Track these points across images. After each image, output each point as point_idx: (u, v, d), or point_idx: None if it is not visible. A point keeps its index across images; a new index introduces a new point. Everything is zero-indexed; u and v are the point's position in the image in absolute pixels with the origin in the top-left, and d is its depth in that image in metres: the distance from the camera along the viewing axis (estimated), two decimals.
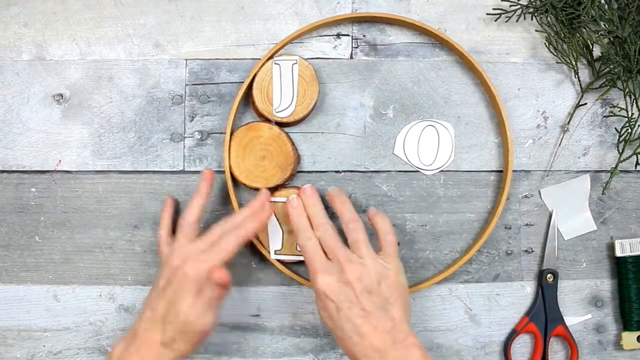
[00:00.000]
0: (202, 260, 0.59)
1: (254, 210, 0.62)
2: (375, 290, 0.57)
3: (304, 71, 0.67)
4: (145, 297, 0.62)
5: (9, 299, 0.69)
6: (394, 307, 0.57)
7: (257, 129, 0.66)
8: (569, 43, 0.69)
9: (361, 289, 0.57)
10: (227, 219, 0.62)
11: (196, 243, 0.61)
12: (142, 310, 0.60)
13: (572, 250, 0.71)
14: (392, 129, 0.70)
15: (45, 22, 0.70)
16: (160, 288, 0.59)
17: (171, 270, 0.59)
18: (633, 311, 0.69)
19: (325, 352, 0.69)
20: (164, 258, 0.62)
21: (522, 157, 0.71)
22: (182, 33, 0.70)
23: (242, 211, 0.63)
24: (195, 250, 0.60)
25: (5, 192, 0.69)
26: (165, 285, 0.59)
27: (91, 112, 0.69)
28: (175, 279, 0.59)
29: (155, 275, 0.64)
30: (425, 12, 0.71)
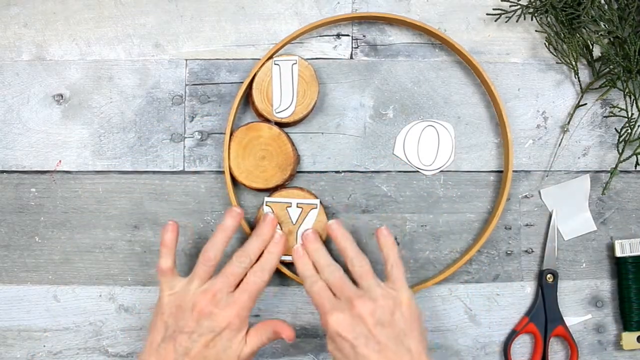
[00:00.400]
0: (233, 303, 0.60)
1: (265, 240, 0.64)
2: (388, 321, 0.57)
3: (304, 71, 0.67)
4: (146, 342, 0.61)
5: (9, 299, 0.69)
6: (410, 338, 0.57)
7: (257, 129, 0.66)
8: (569, 43, 0.69)
9: (374, 322, 0.56)
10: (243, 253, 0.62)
11: (218, 281, 0.60)
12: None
13: (572, 250, 0.71)
14: (392, 129, 0.70)
15: (45, 22, 0.70)
16: (186, 332, 0.58)
17: (199, 314, 0.58)
18: (633, 311, 0.69)
19: (325, 352, 0.69)
20: (174, 298, 0.60)
21: (522, 157, 0.71)
22: (182, 33, 0.70)
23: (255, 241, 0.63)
24: (220, 288, 0.60)
25: (5, 192, 0.69)
26: (192, 331, 0.58)
27: (91, 112, 0.69)
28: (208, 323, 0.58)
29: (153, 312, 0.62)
30: (425, 12, 0.71)
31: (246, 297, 0.60)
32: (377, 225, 0.69)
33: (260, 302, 0.69)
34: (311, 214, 0.66)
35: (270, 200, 0.66)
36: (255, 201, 0.69)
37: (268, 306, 0.69)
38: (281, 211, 0.66)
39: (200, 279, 0.60)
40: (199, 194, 0.69)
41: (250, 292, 0.60)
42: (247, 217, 0.69)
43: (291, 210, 0.66)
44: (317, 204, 0.66)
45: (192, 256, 0.69)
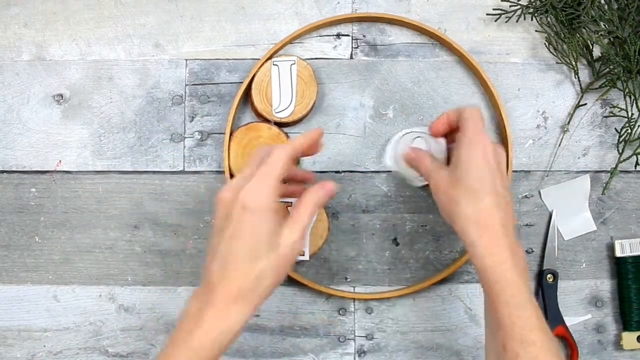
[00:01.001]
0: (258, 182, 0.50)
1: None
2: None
3: (302, 71, 0.67)
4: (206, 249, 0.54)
5: (9, 299, 0.69)
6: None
7: (257, 129, 0.66)
8: (569, 43, 0.69)
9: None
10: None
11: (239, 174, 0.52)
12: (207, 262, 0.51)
13: (572, 250, 0.71)
14: (392, 129, 0.70)
15: (45, 22, 0.70)
16: (214, 233, 0.51)
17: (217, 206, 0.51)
18: (633, 311, 0.69)
19: (325, 352, 0.69)
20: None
21: (522, 157, 0.71)
22: (182, 33, 0.70)
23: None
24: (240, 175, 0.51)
25: (5, 192, 0.69)
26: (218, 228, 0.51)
27: (91, 112, 0.69)
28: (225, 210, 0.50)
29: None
30: (425, 12, 0.71)
31: (267, 171, 0.50)
32: (377, 225, 0.69)
33: None
34: None
35: None
36: None
37: (268, 306, 0.69)
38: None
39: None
40: (199, 194, 0.69)
41: (270, 165, 0.50)
42: None
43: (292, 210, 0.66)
44: None
45: (192, 256, 0.69)
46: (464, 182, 0.53)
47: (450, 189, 0.53)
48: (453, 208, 0.53)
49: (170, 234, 0.69)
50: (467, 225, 0.52)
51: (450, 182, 0.54)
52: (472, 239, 0.52)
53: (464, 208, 0.52)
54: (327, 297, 0.69)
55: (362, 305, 0.69)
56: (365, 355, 0.69)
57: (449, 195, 0.53)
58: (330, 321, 0.69)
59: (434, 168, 0.56)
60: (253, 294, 0.49)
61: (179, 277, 0.69)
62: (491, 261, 0.51)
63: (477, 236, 0.51)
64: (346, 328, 0.69)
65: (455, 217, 0.53)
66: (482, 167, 0.53)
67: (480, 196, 0.52)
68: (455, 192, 0.53)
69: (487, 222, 0.52)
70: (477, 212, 0.52)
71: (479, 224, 0.52)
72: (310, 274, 0.69)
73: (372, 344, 0.69)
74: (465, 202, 0.52)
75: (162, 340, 0.69)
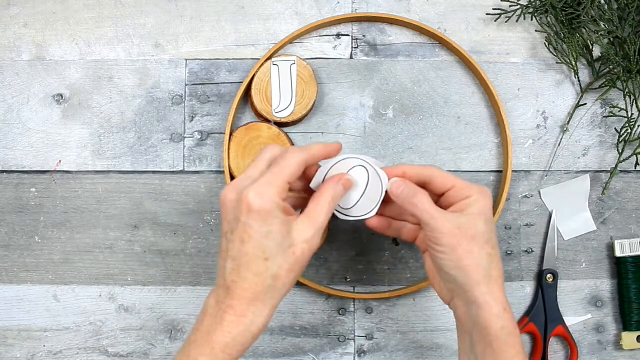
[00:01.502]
0: (265, 183, 0.49)
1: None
2: None
3: (302, 71, 0.67)
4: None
5: (9, 299, 0.69)
6: None
7: (257, 129, 0.66)
8: (569, 43, 0.69)
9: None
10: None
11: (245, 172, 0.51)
12: (219, 263, 0.51)
13: (572, 250, 0.71)
14: (392, 129, 0.70)
15: (45, 22, 0.70)
16: (223, 235, 0.50)
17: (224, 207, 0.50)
18: (633, 311, 0.69)
19: (325, 352, 0.69)
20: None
21: (522, 157, 0.71)
22: (182, 33, 0.70)
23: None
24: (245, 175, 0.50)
25: (5, 192, 0.69)
26: (226, 230, 0.50)
27: (91, 112, 0.69)
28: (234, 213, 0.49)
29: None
30: (425, 12, 0.71)
31: (277, 172, 0.49)
32: None
33: None
34: None
35: None
36: None
37: None
38: None
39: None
40: (199, 194, 0.69)
41: (281, 166, 0.49)
42: None
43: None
44: None
45: (192, 256, 0.69)
46: (486, 239, 0.51)
47: (470, 240, 0.51)
48: (475, 260, 0.51)
49: (170, 234, 0.69)
50: (487, 281, 0.51)
51: (469, 233, 0.51)
52: (488, 298, 0.50)
53: (486, 263, 0.51)
54: (327, 297, 0.69)
55: (362, 305, 0.69)
56: (365, 355, 0.69)
57: (470, 247, 0.51)
58: (330, 321, 0.69)
59: (442, 213, 0.52)
60: (269, 295, 0.49)
61: (179, 277, 0.69)
62: (498, 310, 0.50)
63: (493, 294, 0.51)
64: (346, 328, 0.69)
65: (475, 271, 0.51)
66: (494, 227, 0.53)
67: (497, 255, 0.52)
68: (477, 246, 0.51)
69: (497, 275, 0.52)
70: (496, 271, 0.51)
71: (496, 283, 0.51)
72: (310, 274, 0.69)
73: (372, 344, 0.69)
74: (487, 257, 0.51)
75: (162, 340, 0.69)
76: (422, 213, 0.51)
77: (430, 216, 0.51)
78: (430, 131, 0.70)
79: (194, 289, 0.69)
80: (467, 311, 0.52)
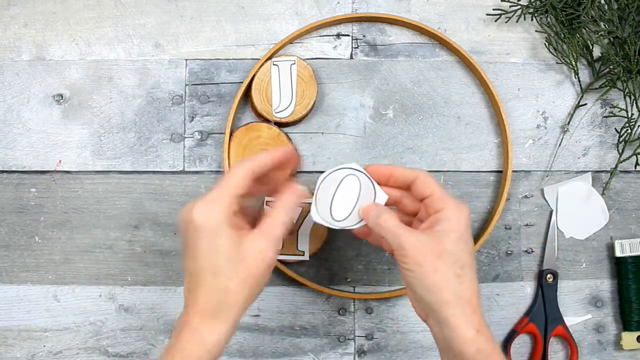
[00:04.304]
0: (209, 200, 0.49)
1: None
2: None
3: (302, 71, 0.67)
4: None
5: (9, 299, 0.69)
6: None
7: (257, 129, 0.66)
8: (569, 43, 0.69)
9: None
10: None
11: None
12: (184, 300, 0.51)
13: (572, 250, 0.71)
14: (392, 129, 0.70)
15: (45, 22, 0.70)
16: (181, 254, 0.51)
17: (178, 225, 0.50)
18: (633, 311, 0.69)
19: (325, 352, 0.69)
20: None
21: (522, 157, 0.71)
22: (182, 33, 0.70)
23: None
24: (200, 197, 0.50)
25: (5, 192, 0.69)
26: (183, 249, 0.50)
27: (91, 112, 0.69)
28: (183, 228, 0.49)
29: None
30: (425, 12, 0.71)
31: (222, 186, 0.49)
32: None
33: (260, 302, 0.69)
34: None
35: (270, 199, 0.66)
36: (255, 201, 0.69)
37: (268, 306, 0.69)
38: None
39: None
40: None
41: (226, 181, 0.49)
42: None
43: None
44: None
45: None
46: (455, 257, 0.50)
47: (436, 258, 0.49)
48: (440, 279, 0.49)
49: (170, 234, 0.69)
50: (455, 302, 0.49)
51: (436, 251, 0.49)
52: (459, 320, 0.49)
53: (454, 283, 0.49)
54: (327, 297, 0.69)
55: (362, 305, 0.69)
56: (365, 355, 0.69)
57: (435, 266, 0.49)
58: (330, 321, 0.69)
59: (408, 230, 0.51)
60: (223, 311, 0.48)
61: (179, 277, 0.69)
62: (470, 333, 0.48)
63: (465, 316, 0.49)
64: (346, 328, 0.69)
65: (441, 291, 0.49)
66: (470, 244, 0.51)
67: (469, 274, 0.50)
68: (444, 264, 0.49)
69: (470, 295, 0.49)
70: (467, 291, 0.49)
71: (468, 304, 0.49)
72: (310, 274, 0.69)
73: (372, 344, 0.69)
74: (455, 276, 0.49)
75: (162, 340, 0.69)
76: (387, 232, 0.51)
77: (394, 234, 0.51)
78: (430, 131, 0.70)
79: None
80: (440, 331, 0.50)
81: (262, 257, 0.49)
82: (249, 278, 0.49)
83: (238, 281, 0.48)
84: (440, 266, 0.49)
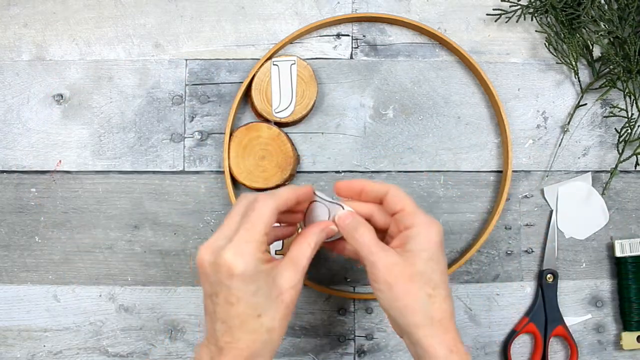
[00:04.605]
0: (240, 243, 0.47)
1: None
2: None
3: (303, 71, 0.67)
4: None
5: (9, 299, 0.69)
6: None
7: (257, 129, 0.66)
8: (569, 43, 0.69)
9: None
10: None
11: (220, 229, 0.49)
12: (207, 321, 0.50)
13: (572, 250, 0.71)
14: (392, 129, 0.70)
15: (45, 22, 0.70)
16: (207, 296, 0.49)
17: (201, 268, 0.48)
18: (633, 311, 0.69)
19: (325, 352, 0.69)
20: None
21: (522, 157, 0.71)
22: (182, 33, 0.70)
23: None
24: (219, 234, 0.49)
25: (5, 192, 0.69)
26: (209, 293, 0.48)
27: (91, 112, 0.69)
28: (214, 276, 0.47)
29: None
30: (425, 12, 0.71)
31: (251, 227, 0.47)
32: None
33: None
34: None
35: None
36: None
37: None
38: None
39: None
40: (199, 194, 0.69)
41: (255, 221, 0.48)
42: None
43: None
44: None
45: (192, 256, 0.69)
46: (426, 278, 0.49)
47: (407, 280, 0.49)
48: (411, 302, 0.49)
49: (170, 234, 0.69)
50: (427, 324, 0.49)
51: (407, 272, 0.49)
52: (431, 341, 0.48)
53: (425, 305, 0.49)
54: (327, 297, 0.69)
55: (362, 305, 0.69)
56: (365, 355, 0.69)
57: (406, 287, 0.49)
58: (330, 321, 0.69)
59: (382, 248, 0.50)
60: (267, 348, 0.48)
61: (179, 277, 0.69)
62: (443, 353, 0.48)
63: (437, 336, 0.49)
64: (346, 328, 0.69)
65: (412, 313, 0.49)
66: (443, 262, 0.50)
67: (442, 294, 0.49)
68: (415, 286, 0.49)
69: (441, 316, 0.49)
70: (439, 312, 0.49)
71: (440, 324, 0.49)
72: (310, 274, 0.69)
73: (372, 344, 0.69)
74: (426, 297, 0.49)
75: (162, 340, 0.69)
76: (362, 247, 0.50)
77: (369, 251, 0.50)
78: (430, 131, 0.70)
79: (194, 289, 0.69)
80: (414, 351, 0.50)
81: (296, 290, 0.49)
82: (287, 312, 0.48)
83: (279, 317, 0.48)
84: (411, 288, 0.48)
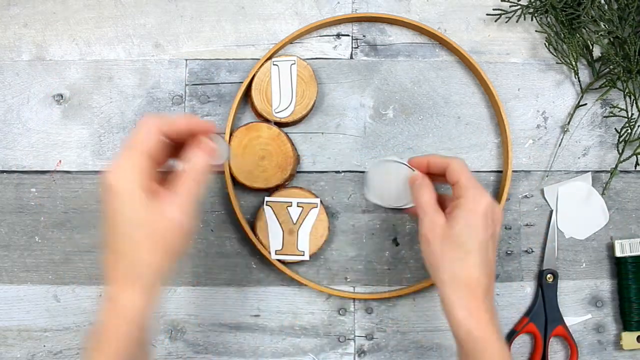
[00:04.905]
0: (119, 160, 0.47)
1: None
2: None
3: (302, 71, 0.67)
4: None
5: (9, 299, 0.69)
6: None
7: (257, 129, 0.66)
8: (569, 43, 0.69)
9: None
10: None
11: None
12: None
13: (572, 250, 0.71)
14: (392, 129, 0.70)
15: (45, 22, 0.70)
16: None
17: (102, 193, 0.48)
18: (633, 311, 0.69)
19: (325, 352, 0.69)
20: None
21: (522, 157, 0.71)
22: (182, 33, 0.70)
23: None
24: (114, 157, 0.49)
25: (5, 192, 0.69)
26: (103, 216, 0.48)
27: (91, 112, 0.69)
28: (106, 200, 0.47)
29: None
30: (425, 12, 0.71)
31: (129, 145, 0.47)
32: (377, 225, 0.69)
33: (260, 302, 0.69)
34: (312, 213, 0.67)
35: (270, 199, 0.66)
36: (255, 201, 0.69)
37: (268, 306, 0.69)
38: (282, 210, 0.66)
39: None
40: None
41: (133, 138, 0.48)
42: (247, 218, 0.69)
43: (292, 209, 0.66)
44: (317, 202, 0.66)
45: (192, 257, 0.69)
46: (460, 242, 0.52)
47: (443, 240, 0.53)
48: (440, 259, 0.53)
49: None
50: (452, 282, 0.52)
51: (445, 233, 0.53)
52: (453, 299, 0.52)
53: (454, 265, 0.52)
54: (327, 297, 0.69)
55: (362, 305, 0.69)
56: (365, 355, 0.69)
57: (441, 246, 0.53)
58: (330, 321, 0.69)
59: (434, 210, 0.54)
60: (138, 277, 0.47)
61: (179, 277, 0.69)
62: (462, 314, 0.51)
63: (459, 297, 0.52)
64: (346, 328, 0.69)
65: (441, 270, 0.53)
66: (482, 233, 0.52)
67: (472, 260, 0.52)
68: (448, 246, 0.52)
69: (468, 279, 0.52)
70: (466, 275, 0.52)
71: (466, 287, 0.52)
72: (310, 274, 0.69)
73: (372, 344, 0.69)
74: (457, 259, 0.52)
75: (162, 340, 0.69)
76: (420, 205, 0.55)
77: (424, 210, 0.55)
78: (430, 131, 0.70)
79: (194, 289, 0.69)
80: (443, 309, 0.53)
81: (181, 223, 0.47)
82: (167, 245, 0.47)
83: (154, 247, 0.47)
84: (444, 248, 0.52)
